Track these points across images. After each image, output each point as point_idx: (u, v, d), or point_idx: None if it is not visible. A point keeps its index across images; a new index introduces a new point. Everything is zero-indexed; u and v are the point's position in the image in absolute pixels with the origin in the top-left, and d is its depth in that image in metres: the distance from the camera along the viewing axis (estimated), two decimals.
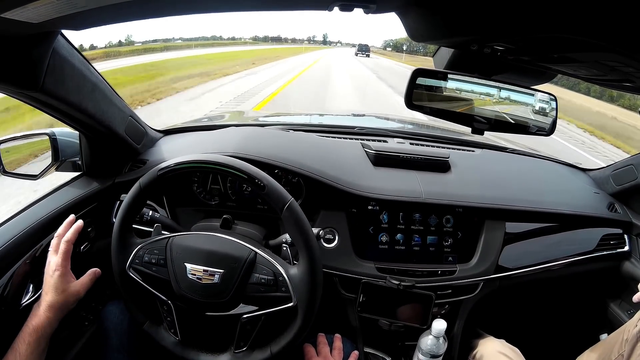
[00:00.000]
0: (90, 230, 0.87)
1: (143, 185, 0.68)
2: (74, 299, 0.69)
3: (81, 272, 0.73)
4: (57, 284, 0.67)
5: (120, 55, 17.22)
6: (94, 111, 0.76)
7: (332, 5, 0.45)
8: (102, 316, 0.80)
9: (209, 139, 1.05)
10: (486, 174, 1.05)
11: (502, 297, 1.01)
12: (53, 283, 0.67)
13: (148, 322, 0.73)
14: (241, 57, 18.26)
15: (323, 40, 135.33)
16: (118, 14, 0.50)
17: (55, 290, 0.67)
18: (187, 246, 0.68)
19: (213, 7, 0.53)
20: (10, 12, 0.42)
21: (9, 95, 0.65)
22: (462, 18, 0.45)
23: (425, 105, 0.64)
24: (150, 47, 23.68)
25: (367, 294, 0.86)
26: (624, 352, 0.77)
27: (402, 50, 57.46)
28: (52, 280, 0.67)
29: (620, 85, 0.58)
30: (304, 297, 0.65)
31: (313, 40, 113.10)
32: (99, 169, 0.92)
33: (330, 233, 0.88)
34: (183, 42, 36.72)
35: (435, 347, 0.80)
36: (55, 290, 0.67)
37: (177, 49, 25.13)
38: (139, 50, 20.85)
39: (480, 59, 0.60)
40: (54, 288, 0.67)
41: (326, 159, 0.95)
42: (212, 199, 0.96)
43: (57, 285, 0.67)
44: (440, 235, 0.91)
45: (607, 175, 1.12)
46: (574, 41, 0.39)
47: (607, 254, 1.01)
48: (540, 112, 0.68)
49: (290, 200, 0.65)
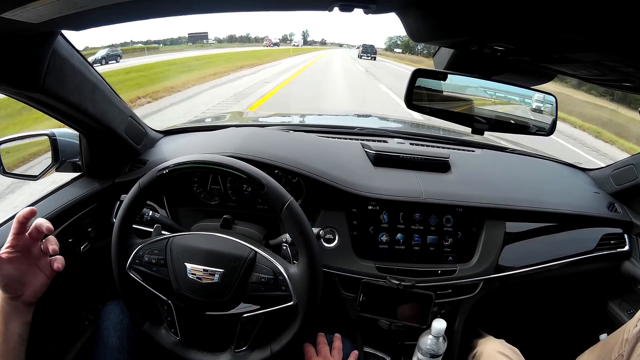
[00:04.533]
0: (90, 230, 0.87)
1: (143, 185, 0.68)
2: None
3: (81, 272, 0.73)
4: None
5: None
6: (94, 111, 0.76)
7: (332, 6, 0.45)
8: (102, 316, 0.80)
9: (209, 139, 1.05)
10: (486, 173, 1.05)
11: (502, 296, 1.01)
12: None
13: (148, 322, 0.73)
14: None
15: (303, 39, 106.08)
16: (118, 14, 0.50)
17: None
18: (187, 246, 0.68)
19: (213, 7, 0.53)
20: (10, 12, 0.42)
21: (8, 96, 0.65)
22: (462, 18, 0.45)
23: (425, 105, 0.64)
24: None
25: (367, 294, 0.86)
26: (624, 352, 0.77)
27: (417, 52, 40.69)
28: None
29: (620, 86, 0.58)
30: (304, 296, 0.65)
31: (289, 39, 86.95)
32: (99, 169, 0.92)
33: (330, 233, 0.88)
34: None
35: (435, 347, 0.80)
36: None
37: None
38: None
39: (480, 59, 0.60)
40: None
41: (326, 159, 0.95)
42: (212, 199, 0.96)
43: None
44: (440, 235, 0.91)
45: (607, 175, 1.12)
46: (574, 41, 0.39)
47: (607, 253, 1.01)
48: (540, 112, 0.68)
49: (289, 200, 0.65)
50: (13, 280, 0.58)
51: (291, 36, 76.80)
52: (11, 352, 0.59)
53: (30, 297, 0.60)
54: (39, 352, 0.72)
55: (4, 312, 0.59)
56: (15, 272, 0.59)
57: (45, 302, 0.63)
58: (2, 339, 0.58)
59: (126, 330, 0.78)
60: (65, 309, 0.88)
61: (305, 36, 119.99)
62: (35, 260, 0.61)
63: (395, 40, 73.21)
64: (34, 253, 0.61)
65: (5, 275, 0.58)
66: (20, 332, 0.60)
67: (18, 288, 0.59)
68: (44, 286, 0.62)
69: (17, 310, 0.60)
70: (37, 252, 0.62)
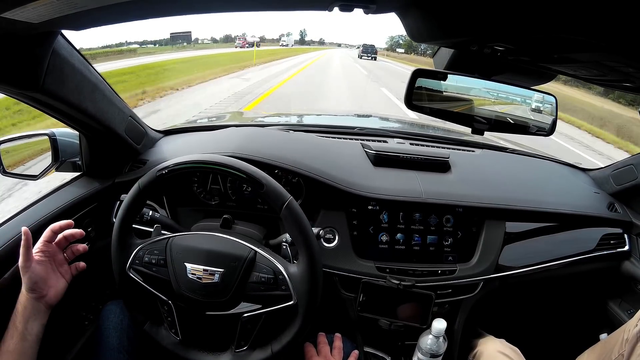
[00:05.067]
0: (90, 230, 0.87)
1: (142, 185, 0.68)
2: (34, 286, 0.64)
3: (81, 272, 0.73)
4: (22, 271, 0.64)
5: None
6: (94, 111, 0.76)
7: (332, 6, 0.45)
8: (102, 316, 0.80)
9: (209, 139, 1.05)
10: (486, 173, 1.05)
11: (502, 296, 1.01)
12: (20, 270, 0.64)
13: (148, 323, 0.73)
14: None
15: (301, 38, 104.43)
16: (118, 14, 0.50)
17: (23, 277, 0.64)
18: (187, 246, 0.68)
19: (213, 7, 0.53)
20: (10, 12, 0.42)
21: (8, 96, 0.65)
22: (462, 18, 0.45)
23: (425, 105, 0.64)
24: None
25: (367, 294, 0.86)
26: (624, 352, 0.77)
27: (420, 52, 36.27)
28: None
29: (620, 86, 0.58)
30: (304, 296, 0.65)
31: (284, 39, 71.17)
32: (99, 169, 0.92)
33: (330, 233, 0.88)
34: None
35: (435, 347, 0.80)
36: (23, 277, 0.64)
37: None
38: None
39: (480, 59, 0.60)
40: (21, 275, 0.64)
41: (326, 159, 0.95)
42: (212, 199, 0.96)
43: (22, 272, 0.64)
44: (440, 235, 0.91)
45: (607, 175, 1.12)
46: (574, 41, 0.39)
47: (607, 253, 1.01)
48: (540, 112, 0.68)
49: (289, 199, 0.65)
50: (40, 281, 0.64)
51: (288, 35, 67.05)
52: (27, 351, 0.63)
53: (52, 298, 0.66)
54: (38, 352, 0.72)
55: (26, 312, 0.64)
56: (43, 274, 0.65)
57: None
58: (20, 338, 0.62)
59: (126, 330, 0.78)
60: (65, 309, 0.88)
61: (303, 35, 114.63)
62: (58, 266, 0.69)
63: (397, 40, 66.21)
64: (57, 259, 0.69)
65: (36, 274, 0.64)
66: (37, 333, 0.65)
67: (43, 289, 0.65)
68: (63, 290, 0.69)
69: (38, 310, 0.65)
70: (61, 259, 0.70)
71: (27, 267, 0.63)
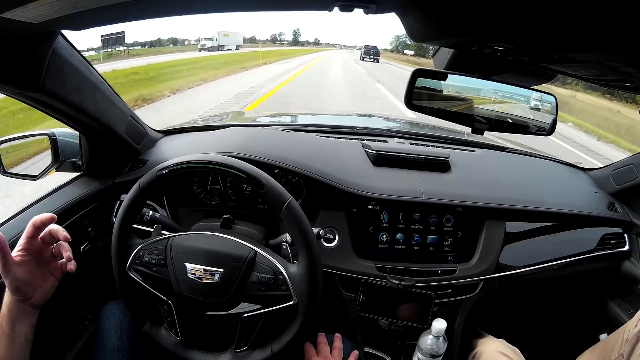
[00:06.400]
0: (90, 230, 0.87)
1: (142, 185, 0.68)
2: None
3: (81, 272, 0.73)
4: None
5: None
6: (94, 111, 0.76)
7: (332, 6, 0.45)
8: (102, 316, 0.80)
9: (209, 139, 1.05)
10: (486, 173, 1.05)
11: (502, 296, 1.01)
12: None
13: (148, 323, 0.73)
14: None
15: (294, 39, 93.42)
16: (118, 14, 0.50)
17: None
18: (187, 246, 0.68)
19: (213, 7, 0.53)
20: (10, 12, 0.42)
21: (8, 96, 0.65)
22: (462, 18, 0.45)
23: (425, 105, 0.64)
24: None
25: (367, 294, 0.86)
26: (624, 352, 0.77)
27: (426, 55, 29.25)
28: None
29: (620, 86, 0.58)
30: (304, 296, 0.65)
31: (278, 39, 65.65)
32: (99, 169, 0.92)
33: (331, 232, 0.88)
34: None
35: (435, 347, 0.80)
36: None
37: None
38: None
39: (480, 59, 0.60)
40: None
41: (326, 159, 0.95)
42: (212, 199, 0.96)
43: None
44: (440, 235, 0.91)
45: (607, 175, 1.12)
46: (574, 41, 0.39)
47: (607, 253, 1.01)
48: (540, 111, 0.68)
49: (289, 199, 0.65)
50: (23, 283, 0.59)
51: (280, 35, 59.83)
52: (18, 354, 0.59)
53: (39, 299, 0.61)
54: (39, 352, 0.72)
55: (12, 314, 0.59)
56: (26, 275, 0.59)
57: (46, 303, 0.63)
58: (9, 341, 0.59)
59: (126, 331, 0.78)
60: (65, 309, 0.88)
61: (297, 35, 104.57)
62: (45, 263, 0.62)
63: (404, 40, 55.85)
64: (44, 256, 0.62)
65: (17, 278, 0.58)
66: (26, 334, 0.60)
67: (28, 291, 0.60)
68: (52, 289, 0.63)
69: (25, 312, 0.60)
70: (48, 256, 0.62)
71: (7, 271, 0.57)
